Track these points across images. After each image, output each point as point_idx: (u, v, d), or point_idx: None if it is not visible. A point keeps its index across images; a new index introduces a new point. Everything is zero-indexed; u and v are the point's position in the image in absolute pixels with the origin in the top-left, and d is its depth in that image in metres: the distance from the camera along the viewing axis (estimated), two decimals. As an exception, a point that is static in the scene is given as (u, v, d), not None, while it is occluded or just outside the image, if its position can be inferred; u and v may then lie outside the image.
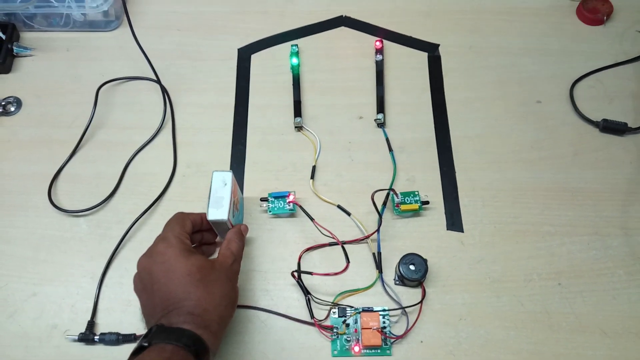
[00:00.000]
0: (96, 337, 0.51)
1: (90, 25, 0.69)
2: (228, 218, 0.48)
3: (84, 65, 0.67)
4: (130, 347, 0.51)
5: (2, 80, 0.66)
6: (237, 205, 0.52)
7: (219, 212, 0.48)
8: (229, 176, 0.50)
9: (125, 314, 0.53)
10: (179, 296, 0.43)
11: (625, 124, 0.62)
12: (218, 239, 0.54)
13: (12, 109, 0.64)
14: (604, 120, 0.62)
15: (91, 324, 0.52)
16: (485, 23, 0.70)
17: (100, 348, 0.52)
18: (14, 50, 0.67)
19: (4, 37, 0.66)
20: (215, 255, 0.49)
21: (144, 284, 0.45)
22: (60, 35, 0.69)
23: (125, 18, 0.68)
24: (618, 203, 0.58)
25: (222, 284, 0.45)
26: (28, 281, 0.55)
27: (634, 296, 0.53)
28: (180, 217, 0.49)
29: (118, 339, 0.51)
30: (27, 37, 0.69)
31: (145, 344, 0.40)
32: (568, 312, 0.52)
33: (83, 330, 0.52)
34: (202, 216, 0.50)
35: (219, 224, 0.49)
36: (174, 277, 0.43)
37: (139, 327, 0.52)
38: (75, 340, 0.51)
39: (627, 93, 0.65)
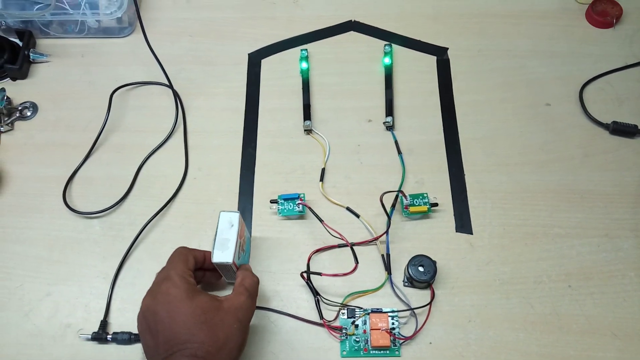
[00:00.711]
0: (109, 337, 0.52)
1: (104, 32, 0.71)
2: (233, 261, 0.47)
3: (98, 71, 0.69)
4: (141, 346, 0.52)
5: (19, 86, 0.68)
6: (243, 246, 0.51)
7: (224, 254, 0.47)
8: (236, 217, 0.49)
9: (137, 313, 0.54)
10: (183, 338, 0.42)
11: (636, 126, 0.61)
12: (223, 279, 0.53)
13: (29, 113, 0.66)
14: (614, 122, 0.62)
15: (104, 324, 0.53)
16: (492, 26, 0.70)
17: (112, 347, 0.52)
18: (31, 57, 0.68)
19: (20, 43, 0.68)
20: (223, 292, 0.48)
21: (147, 324, 0.44)
22: (75, 41, 0.71)
23: (138, 24, 0.69)
24: (628, 205, 0.58)
25: (228, 325, 0.43)
26: (43, 281, 0.56)
27: (645, 298, 0.53)
28: (183, 254, 0.47)
29: (130, 338, 0.52)
30: (43, 43, 0.71)
31: None
32: (578, 314, 0.52)
33: (96, 329, 0.53)
34: (206, 254, 0.49)
35: (224, 266, 0.48)
36: (178, 318, 0.42)
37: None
38: (88, 339, 0.52)
39: (637, 95, 0.64)
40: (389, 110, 0.64)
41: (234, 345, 0.43)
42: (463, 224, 0.57)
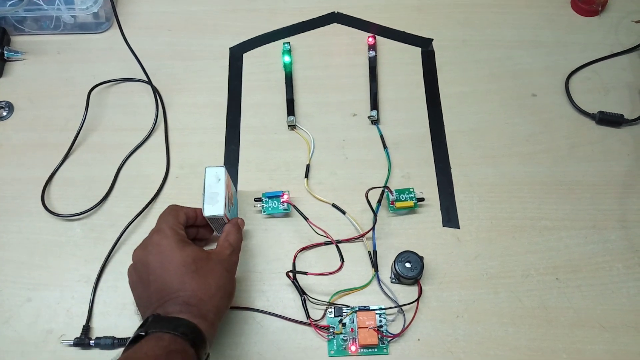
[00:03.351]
0: (92, 342, 0.51)
1: (81, 28, 0.69)
2: (224, 213, 0.48)
3: (75, 68, 0.67)
4: (125, 351, 0.51)
5: (-7, 85, 0.66)
6: (231, 200, 0.52)
7: (214, 207, 0.48)
8: (222, 171, 0.49)
9: (120, 317, 0.53)
10: (175, 286, 0.43)
11: (622, 115, 0.61)
12: (215, 234, 0.53)
13: (4, 113, 0.64)
14: (600, 112, 0.61)
15: (86, 329, 0.52)
16: (477, 16, 0.69)
17: (96, 352, 0.51)
18: (5, 55, 0.66)
19: (-6, 41, 0.66)
20: (214, 247, 0.49)
21: (139, 275, 0.45)
22: (50, 38, 0.69)
23: (115, 19, 0.67)
24: (616, 196, 0.57)
25: (218, 274, 0.45)
26: (23, 286, 0.55)
27: (632, 290, 0.52)
28: (174, 209, 0.49)
29: (114, 342, 0.51)
30: (18, 40, 0.69)
31: (142, 333, 0.40)
32: (566, 306, 0.52)
33: (78, 334, 0.51)
34: (197, 211, 0.50)
35: (215, 219, 0.49)
36: (170, 268, 0.43)
37: (133, 331, 0.52)
38: (70, 345, 0.51)
39: (623, 84, 0.64)
40: (374, 104, 0.63)
41: (224, 292, 0.45)
42: (450, 218, 0.57)
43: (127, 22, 0.67)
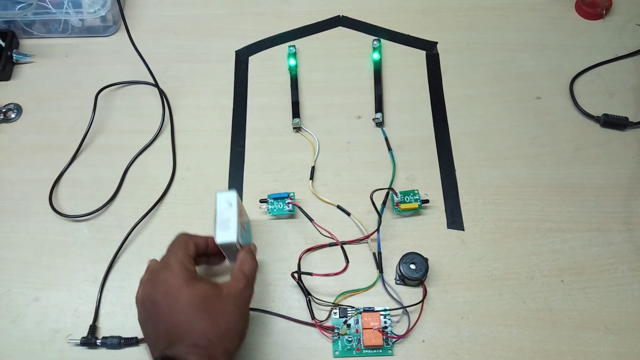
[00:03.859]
0: (98, 341, 0.51)
1: (89, 31, 0.69)
2: (237, 239, 0.46)
3: (82, 71, 0.68)
4: (132, 351, 0.51)
5: (2, 88, 0.67)
6: (243, 225, 0.50)
7: (227, 234, 0.46)
8: (233, 196, 0.48)
9: (127, 317, 0.53)
10: (183, 327, 0.41)
11: (626, 118, 0.61)
12: (226, 261, 0.52)
13: (13, 115, 0.65)
14: (605, 115, 0.61)
15: (93, 328, 0.52)
16: (481, 19, 0.69)
17: (102, 352, 0.52)
18: (14, 58, 0.67)
19: (3, 44, 0.67)
20: (227, 278, 0.47)
21: (147, 314, 0.44)
22: (59, 41, 0.70)
23: (122, 23, 0.68)
24: (620, 198, 0.57)
25: (229, 313, 0.43)
26: (30, 286, 0.55)
27: (637, 292, 0.52)
28: (183, 241, 0.46)
29: (120, 342, 0.51)
30: (27, 44, 0.70)
31: None
32: (571, 308, 0.52)
33: (85, 334, 0.52)
34: (208, 239, 0.48)
35: (228, 246, 0.47)
36: (178, 307, 0.42)
37: (140, 331, 0.52)
38: (77, 345, 0.52)
39: (628, 87, 0.64)
40: (379, 106, 0.63)
41: (235, 333, 0.43)
42: (454, 220, 0.57)
43: (133, 25, 0.67)
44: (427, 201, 0.57)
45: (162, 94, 0.65)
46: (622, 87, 0.64)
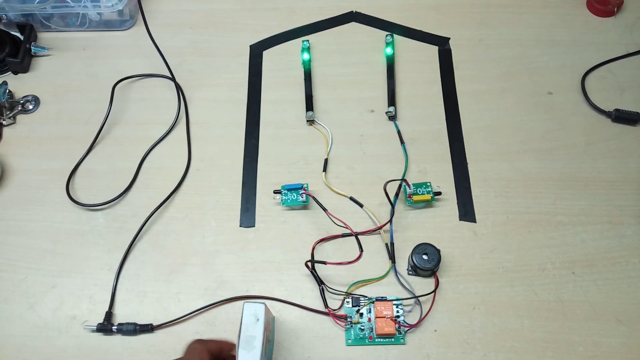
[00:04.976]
0: (114, 327, 0.52)
1: (106, 25, 0.70)
2: None
3: (99, 64, 0.69)
4: (147, 337, 0.52)
5: (20, 80, 0.68)
6: (268, 337, 0.48)
7: (250, 355, 0.43)
8: (261, 309, 0.45)
9: (142, 304, 0.54)
10: None
11: (638, 113, 0.61)
12: None
13: (31, 107, 0.66)
14: (616, 110, 0.62)
15: (109, 315, 0.53)
16: (494, 16, 0.70)
17: (117, 338, 0.52)
18: (32, 50, 0.68)
19: (22, 37, 0.68)
20: None
21: None
22: (76, 35, 0.71)
23: (138, 17, 0.69)
24: (631, 192, 0.58)
25: None
26: (47, 273, 0.56)
27: (648, 284, 0.53)
28: (197, 351, 0.43)
29: (135, 329, 0.52)
30: (45, 37, 0.71)
31: None
32: (582, 300, 0.52)
33: (101, 320, 0.53)
34: (222, 345, 0.45)
35: None
36: None
37: (155, 318, 0.53)
38: (93, 331, 0.52)
39: (639, 83, 0.64)
40: (391, 100, 0.64)
41: None
42: (466, 212, 0.57)
43: (149, 19, 0.68)
44: (439, 193, 0.57)
45: (177, 87, 0.66)
46: (634, 83, 0.64)
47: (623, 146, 0.60)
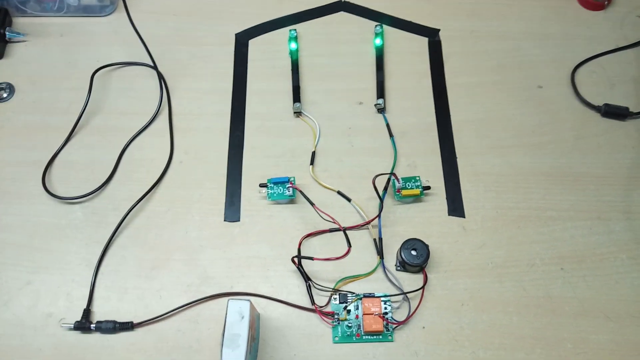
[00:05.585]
0: (92, 325, 0.50)
1: (85, 10, 0.68)
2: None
3: (78, 51, 0.66)
4: (127, 335, 0.51)
5: (-6, 66, 0.65)
6: (254, 336, 0.47)
7: (234, 353, 0.42)
8: (246, 307, 0.44)
9: (122, 301, 0.52)
10: None
11: (627, 108, 0.61)
12: None
13: (5, 95, 0.63)
14: (606, 104, 0.61)
15: (87, 312, 0.51)
16: (485, 8, 0.69)
17: (96, 336, 0.51)
18: (7, 36, 0.65)
19: (-5, 22, 0.65)
20: None
21: None
22: (53, 20, 0.68)
23: (119, 3, 0.67)
24: (620, 187, 0.57)
25: None
26: (22, 269, 0.54)
27: (636, 280, 0.53)
28: None
29: (115, 326, 0.50)
30: (20, 22, 0.68)
31: None
32: (571, 296, 0.52)
33: (79, 318, 0.51)
34: None
35: None
36: None
37: (136, 315, 0.51)
38: (71, 329, 0.51)
39: (629, 78, 0.64)
40: (380, 93, 0.62)
41: None
42: (455, 207, 0.56)
43: (131, 6, 0.66)
44: (428, 187, 0.56)
45: (160, 76, 0.64)
46: (623, 78, 0.64)
47: (612, 141, 0.60)
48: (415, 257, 0.52)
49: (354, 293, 0.52)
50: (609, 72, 0.65)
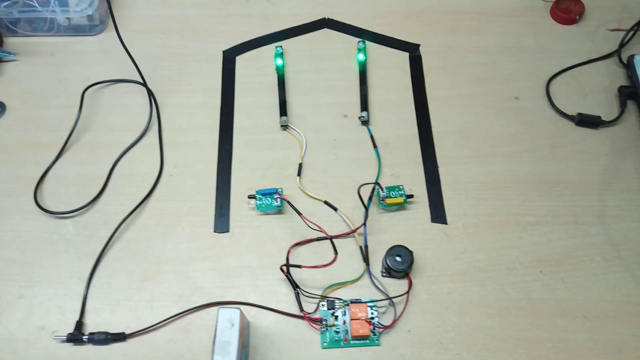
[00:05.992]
0: (85, 337, 0.51)
1: (75, 30, 0.69)
2: None
3: (69, 69, 0.68)
4: (119, 346, 0.51)
5: (-15, 85, 0.66)
6: (244, 343, 0.48)
7: None
8: (236, 314, 0.45)
9: (114, 313, 0.53)
10: None
11: (599, 117, 0.64)
12: None
13: (-4, 113, 0.64)
14: (579, 114, 0.64)
15: (79, 324, 0.52)
16: (463, 23, 0.72)
17: (89, 348, 0.51)
18: (-2, 55, 0.67)
19: (-13, 42, 0.67)
20: None
21: None
22: (44, 40, 0.69)
23: (109, 22, 0.68)
24: (595, 193, 0.60)
25: None
26: (15, 283, 0.54)
27: (612, 281, 0.55)
28: None
29: (107, 338, 0.51)
30: (11, 42, 0.69)
31: None
32: (550, 298, 0.54)
33: (71, 330, 0.52)
34: None
35: None
36: None
37: (128, 326, 0.52)
38: (63, 341, 0.51)
39: (601, 88, 0.67)
40: (364, 106, 0.65)
41: None
42: (438, 214, 0.58)
43: (120, 25, 0.66)
44: (411, 196, 0.58)
45: (149, 92, 0.65)
46: (596, 88, 0.67)
47: (586, 149, 0.63)
48: (400, 263, 0.53)
49: (341, 299, 0.53)
50: (582, 83, 0.68)
